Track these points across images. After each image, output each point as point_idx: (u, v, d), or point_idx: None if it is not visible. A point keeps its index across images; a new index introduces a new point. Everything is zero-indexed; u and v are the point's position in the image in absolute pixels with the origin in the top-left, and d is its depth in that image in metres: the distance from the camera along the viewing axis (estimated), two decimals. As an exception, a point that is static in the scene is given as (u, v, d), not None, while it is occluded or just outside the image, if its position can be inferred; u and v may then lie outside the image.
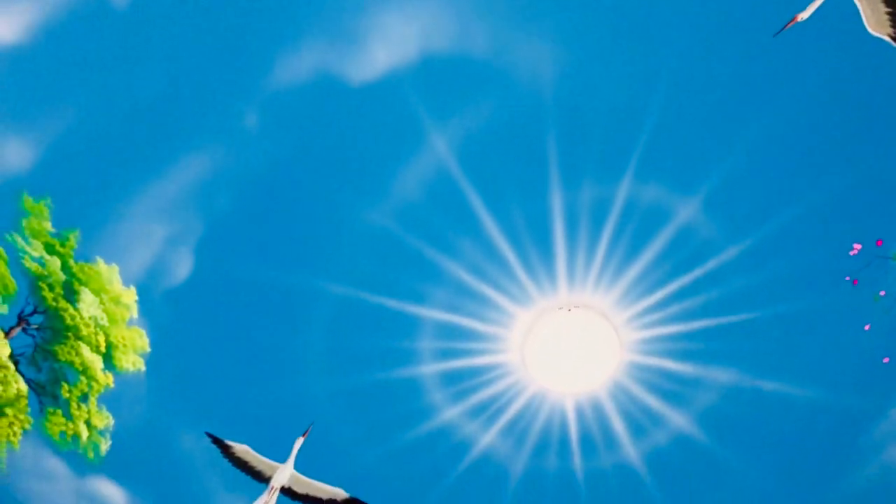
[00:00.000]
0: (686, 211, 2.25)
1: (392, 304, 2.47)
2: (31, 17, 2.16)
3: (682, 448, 2.67)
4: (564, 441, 2.70)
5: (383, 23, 2.12)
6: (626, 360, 2.53)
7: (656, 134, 2.15)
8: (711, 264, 2.33)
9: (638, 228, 2.30)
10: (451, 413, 2.67)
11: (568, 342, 2.51)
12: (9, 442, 2.76)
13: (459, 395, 2.63)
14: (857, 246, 2.25)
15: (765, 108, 2.04)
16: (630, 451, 2.69)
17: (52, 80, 2.22)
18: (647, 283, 2.38)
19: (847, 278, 2.31)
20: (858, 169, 2.15)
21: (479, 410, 2.66)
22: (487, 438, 2.71)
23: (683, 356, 2.49)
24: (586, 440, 2.68)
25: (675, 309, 2.42)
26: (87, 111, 2.26)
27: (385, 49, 2.14)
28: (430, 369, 2.59)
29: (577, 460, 2.72)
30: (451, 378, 2.60)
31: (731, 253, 2.30)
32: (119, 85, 2.23)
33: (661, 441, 2.66)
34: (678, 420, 2.61)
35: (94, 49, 2.19)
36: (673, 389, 2.56)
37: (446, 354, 2.56)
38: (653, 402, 2.58)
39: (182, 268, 2.44)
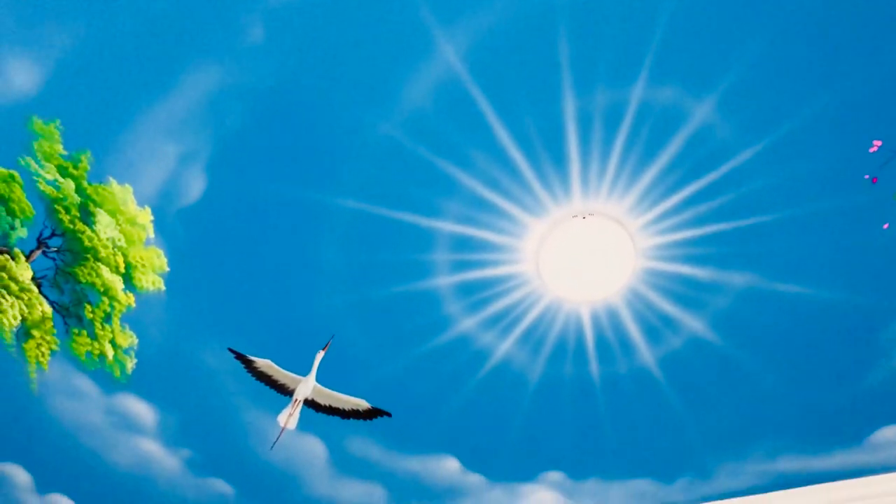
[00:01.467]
0: (701, 113, 2.25)
1: (405, 217, 2.52)
2: (24, -68, 2.14)
3: (697, 351, 2.75)
4: (581, 348, 2.78)
5: (386, -76, 2.09)
6: (641, 267, 2.58)
7: (670, 34, 2.13)
8: (727, 167, 2.35)
9: (652, 132, 2.31)
10: (468, 324, 2.75)
11: (583, 250, 2.55)
12: (38, 363, 2.89)
13: (476, 306, 2.71)
14: (877, 143, 2.25)
15: (781, 4, 2.01)
16: (646, 355, 2.78)
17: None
18: (662, 187, 2.41)
19: (866, 177, 2.32)
20: (878, 64, 2.12)
21: (495, 320, 2.74)
22: (505, 347, 2.80)
23: (699, 261, 2.54)
24: (602, 346, 2.77)
25: (690, 213, 2.45)
26: (92, 30, 2.26)
27: (389, -48, 2.11)
28: (445, 281, 2.66)
29: (593, 366, 2.82)
30: (467, 289, 2.67)
31: (746, 155, 2.31)
32: (123, 1, 2.22)
33: (676, 345, 2.74)
34: (693, 324, 2.68)
35: (91, -37, 2.17)
36: (688, 294, 2.61)
37: (461, 266, 2.62)
38: (668, 307, 2.65)
39: (195, 186, 2.50)
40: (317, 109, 2.34)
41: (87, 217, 2.57)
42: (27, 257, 2.68)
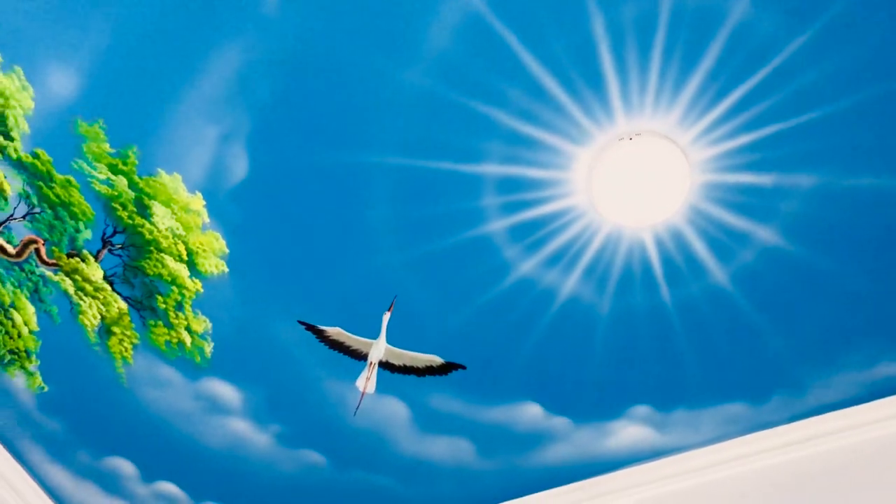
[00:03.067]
0: (739, 7, 2.17)
1: (447, 165, 2.54)
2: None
3: (772, 262, 2.68)
4: (649, 275, 2.76)
5: None
6: (698, 182, 2.52)
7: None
8: (775, 62, 2.26)
9: (690, 36, 2.25)
10: (527, 266, 2.76)
11: (635, 173, 2.52)
12: (123, 357, 3.07)
13: (533, 247, 2.72)
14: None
15: None
16: (718, 274, 2.72)
17: (76, 1, 2.32)
18: (709, 94, 2.34)
19: (932, 49, 2.19)
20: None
21: (555, 259, 2.74)
22: (570, 285, 2.80)
23: (759, 167, 2.46)
24: (671, 270, 2.74)
25: (743, 118, 2.38)
26: (116, 27, 2.36)
27: None
28: (498, 226, 2.67)
29: (664, 292, 2.79)
30: (522, 231, 2.68)
31: (794, 45, 2.22)
32: (138, -8, 2.30)
33: (748, 259, 2.68)
34: (764, 234, 2.61)
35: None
36: (753, 203, 2.54)
37: (512, 208, 2.63)
38: (734, 220, 2.58)
39: (239, 165, 2.58)
40: (342, 69, 2.38)
41: (144, 210, 2.70)
42: (95, 257, 2.84)
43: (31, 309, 3.00)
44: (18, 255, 2.85)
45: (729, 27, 2.21)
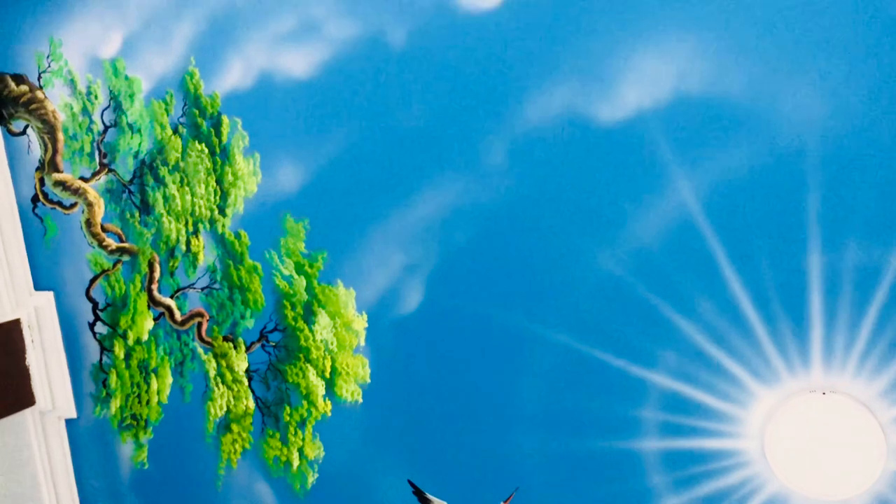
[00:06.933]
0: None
1: (616, 362, 2.51)
2: (319, 56, 2.66)
3: None
4: (810, 561, 2.44)
5: (636, 65, 2.32)
6: (893, 469, 2.28)
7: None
8: None
9: (915, 303, 2.16)
10: (672, 503, 2.55)
11: (820, 435, 2.34)
12: (229, 459, 3.11)
13: (684, 483, 2.54)
14: None
15: None
16: (896, 590, 2.36)
17: (325, 112, 2.68)
18: (927, 372, 2.19)
19: None
20: None
21: (705, 505, 2.52)
22: (713, 542, 2.54)
23: (973, 472, 2.20)
24: (838, 565, 2.41)
25: (962, 409, 2.18)
26: (349, 142, 2.68)
27: (636, 89, 2.33)
28: (651, 445, 2.55)
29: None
30: (676, 460, 2.53)
31: None
32: (379, 119, 2.65)
33: (939, 582, 2.31)
34: (964, 559, 2.27)
35: (365, 85, 2.62)
36: (958, 515, 2.24)
37: (672, 430, 2.51)
38: (929, 527, 2.28)
39: (411, 299, 2.71)
40: (541, 235, 2.51)
41: (310, 316, 2.86)
42: (248, 348, 3.00)
43: (169, 380, 3.17)
44: (182, 323, 3.08)
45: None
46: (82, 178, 3.12)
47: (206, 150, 2.90)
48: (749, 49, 2.24)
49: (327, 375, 2.92)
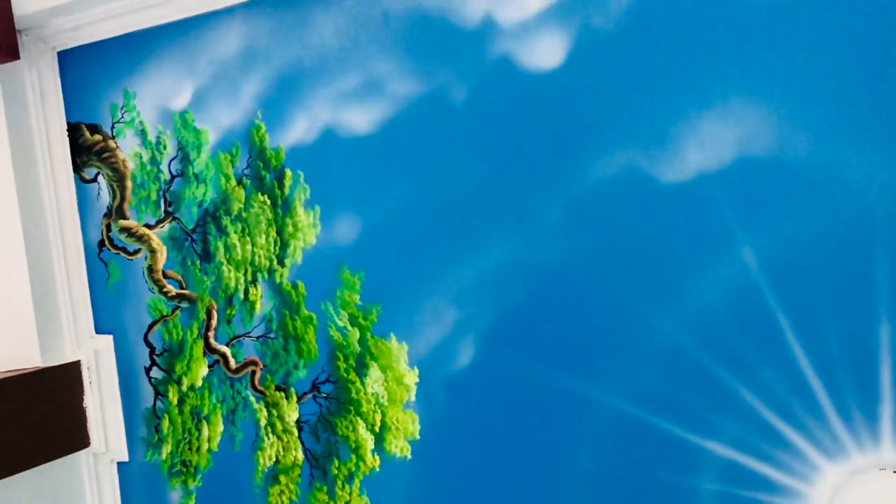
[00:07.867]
0: None
1: (672, 428, 2.45)
2: (381, 112, 2.73)
3: None
4: None
5: (700, 127, 2.32)
6: (972, 558, 2.17)
7: None
8: None
9: None
10: (729, 582, 2.46)
11: (890, 516, 2.23)
12: (274, 511, 3.11)
13: (742, 560, 2.44)
14: None
15: None
16: None
17: (385, 166, 2.74)
18: None
19: None
20: None
21: (765, 586, 2.42)
22: None
23: None
24: None
25: None
26: (408, 196, 2.73)
27: (699, 152, 2.32)
28: (709, 518, 2.45)
29: None
30: (735, 535, 2.43)
31: None
32: (438, 174, 2.69)
33: None
34: None
35: (425, 141, 2.68)
36: None
37: (731, 502, 2.41)
38: None
39: (464, 355, 2.71)
40: (598, 296, 2.49)
41: (362, 369, 2.88)
42: (299, 398, 3.02)
43: (220, 428, 3.21)
44: (236, 371, 3.13)
45: None
46: (147, 226, 3.24)
47: (269, 202, 2.99)
48: (816, 114, 2.22)
49: (377, 430, 2.92)
